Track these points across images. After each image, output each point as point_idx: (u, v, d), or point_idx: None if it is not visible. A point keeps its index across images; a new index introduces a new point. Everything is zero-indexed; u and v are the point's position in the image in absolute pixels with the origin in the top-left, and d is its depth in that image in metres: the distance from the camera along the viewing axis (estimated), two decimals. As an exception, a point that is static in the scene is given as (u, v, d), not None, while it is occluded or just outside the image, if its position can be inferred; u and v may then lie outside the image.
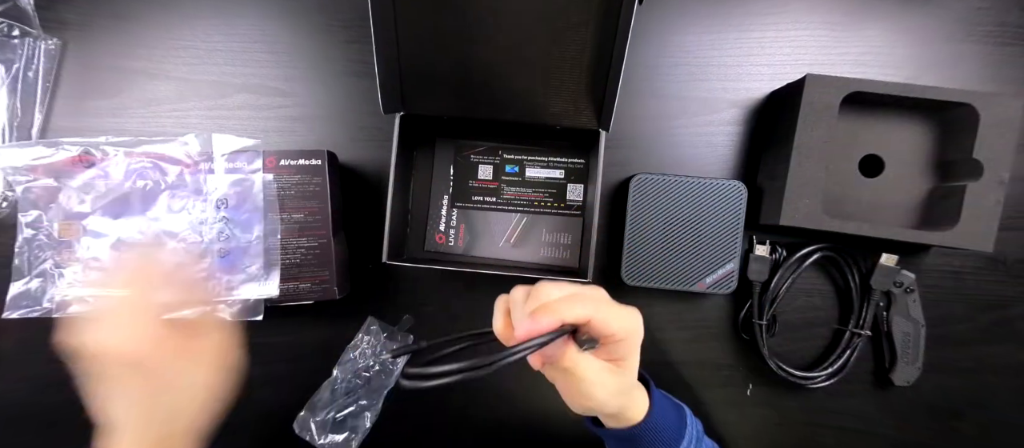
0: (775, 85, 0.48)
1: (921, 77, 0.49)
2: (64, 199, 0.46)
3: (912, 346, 0.49)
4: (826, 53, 0.49)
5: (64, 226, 0.46)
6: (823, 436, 0.52)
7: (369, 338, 0.49)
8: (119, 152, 0.47)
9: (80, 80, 0.49)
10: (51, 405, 0.51)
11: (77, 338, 0.31)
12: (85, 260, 0.47)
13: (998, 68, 0.48)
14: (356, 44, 0.49)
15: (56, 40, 0.48)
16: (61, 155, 0.46)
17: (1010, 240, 0.49)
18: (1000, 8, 0.48)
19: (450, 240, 0.50)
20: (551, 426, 0.52)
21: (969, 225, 0.42)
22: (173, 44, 0.49)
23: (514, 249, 0.49)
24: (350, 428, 0.48)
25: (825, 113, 0.42)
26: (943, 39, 0.48)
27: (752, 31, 0.49)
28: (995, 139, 0.42)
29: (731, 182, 0.46)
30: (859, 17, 0.48)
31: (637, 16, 0.35)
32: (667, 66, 0.49)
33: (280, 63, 0.49)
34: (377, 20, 0.37)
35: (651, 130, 0.49)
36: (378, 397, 0.49)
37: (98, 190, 0.46)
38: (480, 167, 0.49)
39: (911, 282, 0.48)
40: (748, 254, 0.49)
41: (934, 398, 0.51)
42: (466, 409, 0.52)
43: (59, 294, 0.46)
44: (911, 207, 0.47)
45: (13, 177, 0.46)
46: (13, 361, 0.50)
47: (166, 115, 0.49)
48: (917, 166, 0.46)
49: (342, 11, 0.49)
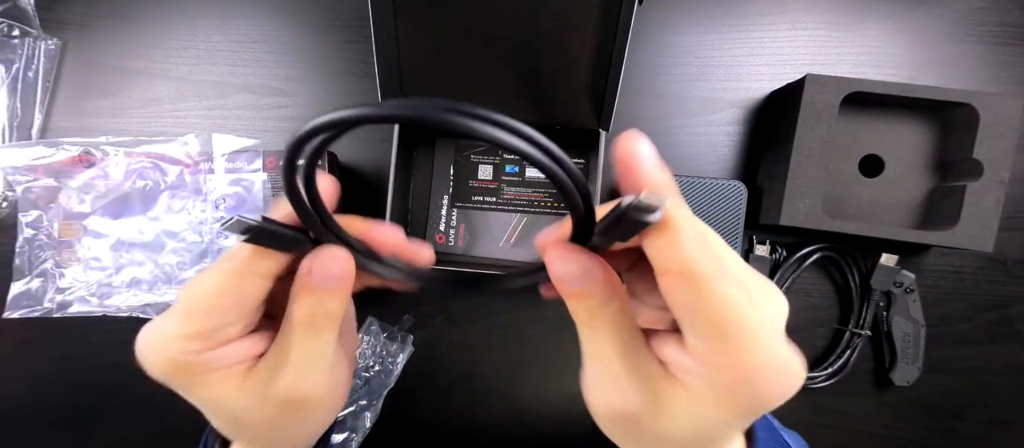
0: (775, 85, 0.48)
1: (921, 77, 0.49)
2: (64, 199, 0.46)
3: (912, 346, 0.49)
4: (826, 53, 0.49)
5: (64, 226, 0.46)
6: (823, 436, 0.52)
7: (369, 338, 0.49)
8: (119, 152, 0.47)
9: (80, 80, 0.49)
10: (51, 405, 0.51)
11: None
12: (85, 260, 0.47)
13: (998, 68, 0.48)
14: (356, 44, 0.49)
15: (56, 40, 0.48)
16: (61, 155, 0.46)
17: (1010, 240, 0.49)
18: (1000, 8, 0.48)
19: (450, 240, 0.50)
20: (553, 427, 0.52)
21: (969, 225, 0.42)
22: (173, 44, 0.49)
23: (514, 249, 0.49)
24: (350, 428, 0.48)
25: (825, 113, 0.42)
26: (943, 39, 0.48)
27: (752, 31, 0.49)
28: (995, 139, 0.42)
29: (731, 182, 0.46)
30: (859, 17, 0.48)
31: (637, 16, 0.35)
32: (667, 66, 0.49)
33: (280, 63, 0.49)
34: (377, 20, 0.37)
35: (651, 130, 0.49)
36: (378, 397, 0.49)
37: (98, 190, 0.46)
38: (480, 167, 0.49)
39: (911, 282, 0.48)
40: (748, 254, 0.49)
41: (934, 398, 0.51)
42: (466, 409, 0.52)
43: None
44: (911, 207, 0.47)
45: (13, 177, 0.46)
46: (13, 361, 0.50)
47: (166, 115, 0.49)
48: (917, 166, 0.46)
49: (342, 11, 0.49)
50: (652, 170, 0.17)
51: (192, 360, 0.19)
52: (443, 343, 0.51)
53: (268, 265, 0.19)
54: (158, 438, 0.51)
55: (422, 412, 0.51)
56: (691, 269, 0.16)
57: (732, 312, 0.16)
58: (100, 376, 0.50)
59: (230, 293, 0.19)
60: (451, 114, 0.13)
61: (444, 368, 0.51)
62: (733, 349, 0.16)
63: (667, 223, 0.16)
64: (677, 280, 0.16)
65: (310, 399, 0.21)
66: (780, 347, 0.16)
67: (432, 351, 0.51)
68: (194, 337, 0.19)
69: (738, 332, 0.16)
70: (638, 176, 0.17)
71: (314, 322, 0.20)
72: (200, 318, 0.19)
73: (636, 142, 0.17)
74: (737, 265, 0.17)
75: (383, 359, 0.49)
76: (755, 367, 0.16)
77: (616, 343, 0.17)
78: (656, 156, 0.17)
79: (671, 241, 0.16)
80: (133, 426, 0.51)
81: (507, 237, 0.50)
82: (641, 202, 0.15)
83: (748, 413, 0.17)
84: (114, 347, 0.49)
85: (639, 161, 0.17)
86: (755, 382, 0.16)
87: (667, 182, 0.17)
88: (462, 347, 0.51)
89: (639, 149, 0.17)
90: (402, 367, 0.50)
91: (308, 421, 0.24)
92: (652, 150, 0.17)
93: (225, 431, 0.25)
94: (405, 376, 0.50)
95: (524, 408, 0.51)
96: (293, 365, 0.20)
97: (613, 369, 0.18)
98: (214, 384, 0.21)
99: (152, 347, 0.19)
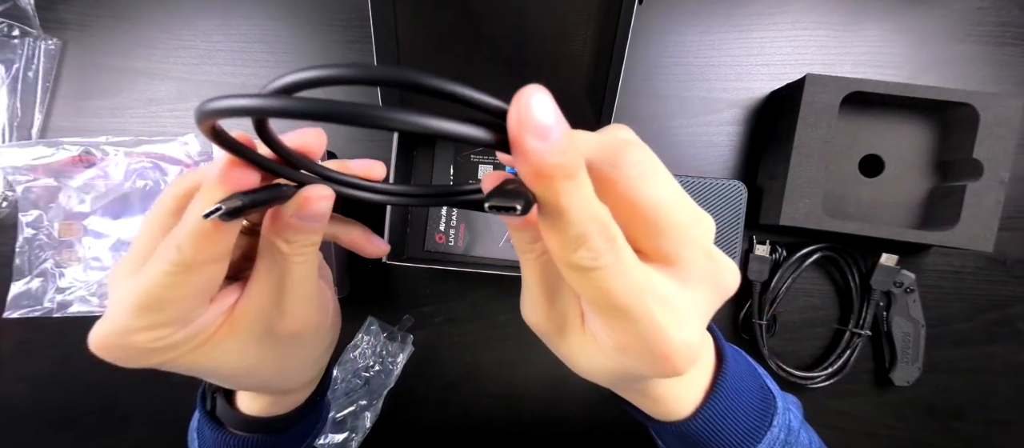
0: (775, 85, 0.48)
1: (921, 77, 0.49)
2: (64, 199, 0.46)
3: (912, 346, 0.49)
4: (826, 53, 0.49)
5: (64, 226, 0.46)
6: (823, 436, 0.51)
7: (369, 338, 0.49)
8: (119, 152, 0.47)
9: (80, 80, 0.49)
10: (51, 405, 0.51)
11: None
12: (85, 260, 0.47)
13: (998, 68, 0.48)
14: (356, 44, 0.49)
15: (56, 40, 0.48)
16: (61, 155, 0.46)
17: (1010, 240, 0.49)
18: (1000, 8, 0.48)
19: (450, 240, 0.50)
20: (553, 427, 0.52)
21: (969, 225, 0.42)
22: (173, 44, 0.49)
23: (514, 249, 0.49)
24: (350, 428, 0.48)
25: (825, 113, 0.42)
26: (943, 39, 0.48)
27: (752, 31, 0.49)
28: (995, 139, 0.42)
29: (731, 182, 0.46)
30: (859, 17, 0.48)
31: (637, 16, 0.35)
32: (667, 66, 0.49)
33: (280, 63, 0.49)
34: (377, 20, 0.37)
35: (651, 130, 0.49)
36: (378, 397, 0.49)
37: (98, 190, 0.46)
38: (480, 167, 0.49)
39: (911, 282, 0.48)
40: (748, 254, 0.49)
41: (934, 398, 0.51)
42: (466, 409, 0.52)
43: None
44: (911, 207, 0.47)
45: (13, 177, 0.46)
46: (13, 361, 0.50)
47: (166, 115, 0.49)
48: (917, 166, 0.46)
49: (342, 11, 0.49)
50: (529, 143, 0.12)
51: (165, 343, 0.19)
52: (443, 343, 0.51)
53: (225, 243, 0.18)
54: (158, 438, 0.51)
55: (422, 412, 0.51)
56: (577, 265, 0.14)
57: (630, 306, 0.15)
58: (100, 376, 0.50)
59: (183, 286, 0.18)
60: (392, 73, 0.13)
61: (444, 368, 0.51)
62: (632, 337, 0.16)
63: (550, 213, 0.14)
64: (567, 272, 0.15)
65: (309, 325, 0.22)
66: (686, 330, 0.16)
67: (432, 351, 0.51)
68: (157, 326, 0.18)
69: (637, 324, 0.15)
70: (516, 151, 0.13)
71: (305, 254, 0.20)
72: (154, 313, 0.18)
73: (529, 99, 0.12)
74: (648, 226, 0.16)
75: (383, 359, 0.49)
76: (658, 354, 0.16)
77: (539, 279, 0.19)
78: (550, 117, 0.12)
79: (553, 235, 0.14)
80: (133, 426, 0.51)
81: (507, 237, 0.50)
82: (493, 200, 0.13)
83: (658, 374, 0.17)
84: (114, 347, 0.49)
85: (519, 129, 0.12)
86: (659, 362, 0.16)
87: (555, 151, 0.12)
88: (462, 347, 0.51)
89: (530, 110, 0.12)
90: (402, 367, 0.50)
91: (312, 348, 0.25)
92: (546, 108, 0.12)
93: (228, 384, 0.25)
94: (405, 376, 0.50)
95: (524, 408, 0.51)
96: (289, 298, 0.20)
97: (535, 295, 0.19)
98: (201, 353, 0.20)
99: (115, 347, 0.18)
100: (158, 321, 0.18)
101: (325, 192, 0.18)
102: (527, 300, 0.20)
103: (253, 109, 0.13)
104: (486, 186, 0.17)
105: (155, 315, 0.18)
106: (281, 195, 0.18)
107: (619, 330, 0.16)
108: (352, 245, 0.24)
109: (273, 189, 0.18)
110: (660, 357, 0.16)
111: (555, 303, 0.19)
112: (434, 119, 0.13)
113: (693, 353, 0.16)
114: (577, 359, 0.20)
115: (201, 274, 0.18)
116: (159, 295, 0.17)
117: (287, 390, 0.27)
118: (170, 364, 0.20)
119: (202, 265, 0.17)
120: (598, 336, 0.18)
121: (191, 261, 0.17)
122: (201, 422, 0.28)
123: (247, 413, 0.28)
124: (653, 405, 0.23)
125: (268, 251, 0.19)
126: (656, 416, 0.24)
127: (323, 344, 0.26)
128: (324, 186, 0.19)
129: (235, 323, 0.21)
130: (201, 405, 0.28)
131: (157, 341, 0.18)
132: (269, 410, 0.28)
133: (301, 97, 0.13)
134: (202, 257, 0.17)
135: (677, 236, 0.16)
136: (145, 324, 0.18)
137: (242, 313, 0.21)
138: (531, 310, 0.20)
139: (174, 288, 0.17)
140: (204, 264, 0.18)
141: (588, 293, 0.15)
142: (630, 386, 0.22)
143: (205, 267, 0.18)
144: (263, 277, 0.20)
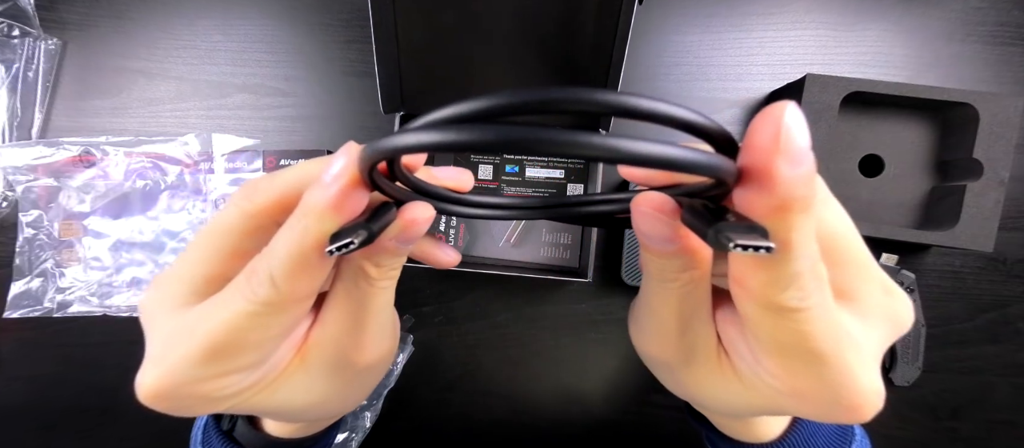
0: (775, 85, 0.48)
1: (921, 77, 0.49)
2: (64, 199, 0.46)
3: (912, 346, 0.49)
4: (826, 53, 0.49)
5: (64, 226, 0.46)
6: (823, 436, 0.52)
7: (369, 338, 0.49)
8: (119, 152, 0.47)
9: (80, 80, 0.49)
10: (51, 405, 0.51)
11: None
12: (85, 260, 0.47)
13: (998, 68, 0.48)
14: (356, 44, 0.49)
15: (56, 40, 0.48)
16: (61, 155, 0.46)
17: (1010, 240, 0.49)
18: (1000, 8, 0.48)
19: (450, 240, 0.50)
20: (553, 427, 0.52)
21: (969, 225, 0.42)
22: (173, 44, 0.49)
23: (514, 249, 0.49)
24: (350, 428, 0.48)
25: (825, 113, 0.42)
26: (943, 39, 0.48)
27: (752, 31, 0.49)
28: (995, 139, 0.42)
29: (731, 182, 0.46)
30: (859, 17, 0.48)
31: (637, 16, 0.35)
32: (667, 66, 0.49)
33: (280, 63, 0.49)
34: (377, 20, 0.37)
35: (651, 130, 0.49)
36: (378, 397, 0.49)
37: (98, 190, 0.46)
38: (480, 167, 0.49)
39: (911, 282, 0.48)
40: (748, 254, 0.49)
41: (934, 398, 0.51)
42: (466, 409, 0.52)
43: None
44: (911, 207, 0.47)
45: (13, 177, 0.46)
46: (13, 361, 0.50)
47: (166, 115, 0.49)
48: (917, 166, 0.46)
49: (342, 11, 0.49)
50: (782, 170, 0.11)
51: (233, 390, 0.16)
52: (443, 343, 0.51)
53: (324, 275, 0.15)
54: (158, 438, 0.51)
55: (422, 412, 0.51)
56: (782, 305, 0.13)
57: (826, 351, 0.13)
58: (100, 376, 0.50)
59: (271, 327, 0.15)
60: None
61: (444, 368, 0.51)
62: (816, 383, 0.14)
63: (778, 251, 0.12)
64: (760, 311, 0.13)
65: (387, 355, 0.20)
66: (874, 376, 0.14)
67: (432, 351, 0.51)
68: (229, 373, 0.15)
69: (827, 370, 0.14)
70: (757, 179, 0.11)
71: (391, 278, 0.18)
72: (231, 358, 0.15)
73: (785, 118, 0.11)
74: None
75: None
76: (846, 403, 0.14)
77: (676, 309, 0.16)
78: (806, 139, 0.11)
79: (761, 272, 0.12)
80: (133, 426, 0.51)
81: (507, 237, 0.50)
82: (739, 238, 0.11)
83: (836, 421, 0.15)
84: (114, 347, 0.49)
85: (771, 153, 0.11)
86: (844, 411, 0.14)
87: (800, 192, 0.11)
88: (462, 347, 0.51)
89: (789, 131, 0.11)
90: (402, 367, 0.50)
91: (377, 377, 0.22)
92: (803, 130, 0.11)
93: (286, 421, 0.23)
94: (405, 376, 0.50)
95: (524, 408, 0.51)
96: (369, 327, 0.18)
97: (666, 325, 0.17)
98: (267, 393, 0.17)
99: (174, 398, 0.15)
100: (231, 368, 0.15)
101: (429, 212, 0.16)
102: (652, 329, 0.18)
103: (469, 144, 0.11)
104: (643, 206, 0.15)
105: (231, 361, 0.15)
106: (391, 218, 0.16)
107: (802, 375, 0.14)
108: (424, 257, 0.21)
109: (386, 212, 0.15)
110: (847, 406, 0.14)
111: (685, 333, 0.17)
112: (660, 146, 0.11)
113: (880, 401, 0.14)
114: (702, 391, 0.18)
115: (292, 313, 0.15)
116: (239, 339, 0.15)
117: (336, 417, 0.25)
118: (230, 408, 0.17)
119: (297, 302, 0.15)
120: (757, 376, 0.16)
121: (287, 298, 0.14)
122: (211, 441, 0.26)
123: (274, 434, 0.25)
124: (742, 428, 0.23)
125: (351, 275, 0.17)
126: (740, 438, 0.23)
127: (387, 367, 0.23)
128: (425, 204, 0.16)
129: (307, 356, 0.18)
130: (215, 424, 0.26)
131: (225, 389, 0.15)
132: (301, 432, 0.26)
133: (509, 126, 0.10)
134: (300, 293, 0.15)
135: (856, 269, 0.15)
136: (216, 372, 0.15)
137: (316, 344, 0.18)
138: (655, 339, 0.18)
139: (259, 330, 0.15)
140: (299, 301, 0.15)
141: (781, 335, 0.13)
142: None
143: (299, 305, 0.15)
144: (341, 303, 0.17)
